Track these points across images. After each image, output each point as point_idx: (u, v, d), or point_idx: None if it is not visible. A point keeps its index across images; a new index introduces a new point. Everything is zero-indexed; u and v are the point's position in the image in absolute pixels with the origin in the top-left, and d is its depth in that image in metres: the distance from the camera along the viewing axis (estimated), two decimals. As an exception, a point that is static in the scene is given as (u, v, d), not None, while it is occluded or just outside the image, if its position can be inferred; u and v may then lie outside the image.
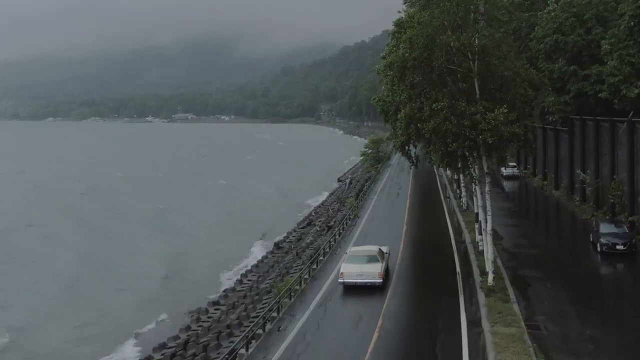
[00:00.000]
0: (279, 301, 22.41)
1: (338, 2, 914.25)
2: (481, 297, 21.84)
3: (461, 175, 37.37)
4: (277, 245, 41.43)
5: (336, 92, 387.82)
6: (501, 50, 22.40)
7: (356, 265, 24.29)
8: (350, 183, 71.17)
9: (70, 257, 44.57)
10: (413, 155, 28.90)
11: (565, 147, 46.38)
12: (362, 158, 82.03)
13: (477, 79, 22.36)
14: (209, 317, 28.16)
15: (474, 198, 28.96)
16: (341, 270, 24.43)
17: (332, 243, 31.98)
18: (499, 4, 22.25)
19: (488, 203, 23.27)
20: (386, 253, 26.55)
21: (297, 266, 33.50)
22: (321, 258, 28.96)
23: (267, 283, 31.78)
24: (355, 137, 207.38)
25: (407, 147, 26.63)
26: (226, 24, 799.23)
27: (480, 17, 22.35)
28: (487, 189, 23.21)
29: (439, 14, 22.16)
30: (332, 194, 67.67)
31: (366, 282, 23.89)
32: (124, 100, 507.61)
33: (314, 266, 27.58)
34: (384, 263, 25.26)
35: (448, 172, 49.03)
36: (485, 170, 22.97)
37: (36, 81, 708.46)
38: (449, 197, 45.37)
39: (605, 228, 29.17)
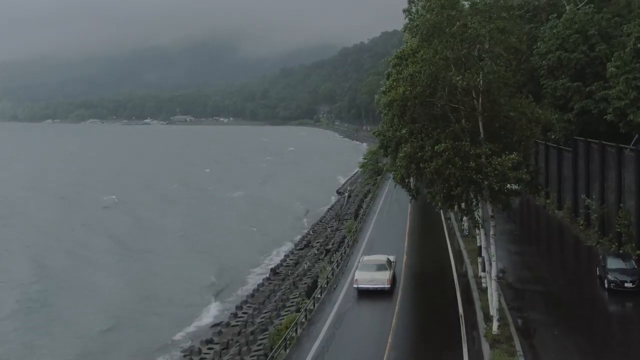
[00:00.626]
0: (273, 357, 21.21)
1: (337, 4, 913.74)
2: (485, 348, 20.81)
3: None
4: (274, 271, 40.40)
5: (335, 94, 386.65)
6: (507, 88, 21.37)
7: (368, 272, 28.43)
8: (349, 197, 70.11)
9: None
10: (412, 187, 27.80)
11: (568, 166, 45.34)
12: (361, 169, 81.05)
13: (482, 118, 21.32)
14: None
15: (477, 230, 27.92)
16: (355, 277, 28.54)
17: (330, 277, 30.90)
18: (505, 42, 21.20)
19: (493, 248, 22.22)
20: (393, 262, 30.39)
21: (294, 298, 32.45)
22: (318, 296, 27.86)
23: (263, 317, 30.73)
24: (355, 142, 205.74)
25: (406, 181, 25.60)
26: (225, 25, 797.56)
27: (484, 55, 21.29)
28: (492, 232, 22.16)
29: (442, 50, 21.16)
30: (330, 208, 66.55)
31: (376, 287, 28.03)
32: (123, 102, 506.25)
33: (311, 306, 26.47)
34: (392, 271, 29.22)
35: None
36: (490, 214, 21.92)
37: (35, 82, 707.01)
38: (449, 218, 44.35)
39: (612, 263, 28.10)
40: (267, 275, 40.45)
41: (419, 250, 37.30)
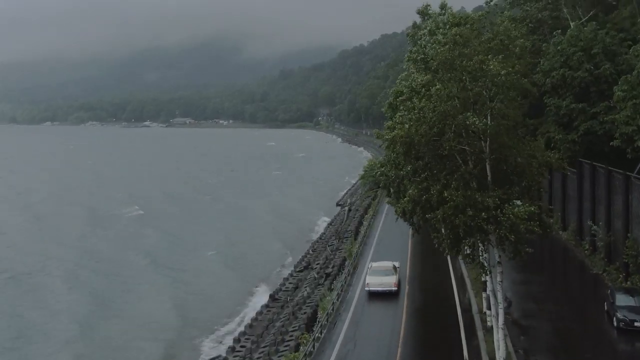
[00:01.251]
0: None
1: (336, 6, 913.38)
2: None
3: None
4: (273, 297, 39.54)
5: (335, 97, 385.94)
6: (516, 132, 20.55)
7: (377, 277, 32.94)
8: (350, 210, 69.27)
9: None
10: (415, 222, 26.66)
11: (573, 187, 44.49)
12: (361, 181, 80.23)
13: (489, 161, 20.47)
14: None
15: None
16: (367, 281, 32.90)
17: (331, 311, 30.02)
18: (517, 84, 20.35)
19: (500, 295, 21.38)
20: (398, 267, 34.79)
21: (293, 330, 31.61)
22: (318, 335, 26.99)
23: (262, 352, 29.87)
24: (353, 146, 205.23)
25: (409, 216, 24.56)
26: (224, 27, 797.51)
27: (496, 96, 20.43)
28: (499, 279, 21.31)
29: (453, 87, 20.31)
30: (330, 223, 65.67)
31: (385, 290, 32.45)
32: (122, 104, 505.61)
33: (311, 348, 25.58)
34: (397, 275, 33.60)
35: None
36: (498, 259, 21.08)
37: (34, 83, 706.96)
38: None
39: (621, 300, 27.22)
40: (266, 301, 39.57)
41: (421, 277, 36.43)
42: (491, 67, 19.55)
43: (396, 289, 32.47)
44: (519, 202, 19.62)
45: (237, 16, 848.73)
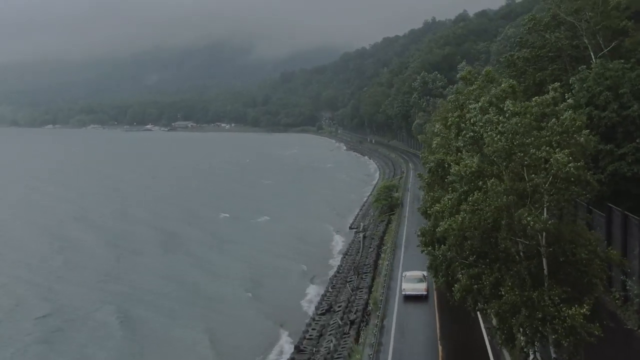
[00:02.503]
0: None
1: (338, 7, 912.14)
2: None
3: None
4: (298, 349, 38.69)
5: (337, 101, 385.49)
6: (575, 227, 19.78)
7: (411, 284, 41.50)
8: (365, 237, 68.53)
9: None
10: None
11: (601, 230, 43.60)
12: (374, 203, 79.57)
13: (546, 256, 19.70)
14: None
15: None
16: (403, 287, 41.54)
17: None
18: (582, 178, 19.56)
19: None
20: (426, 276, 39.11)
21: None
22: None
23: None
24: (359, 155, 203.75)
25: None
26: (225, 28, 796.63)
27: (554, 187, 19.66)
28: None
29: (507, 179, 19.54)
30: (346, 253, 64.69)
31: (417, 294, 40.71)
32: (123, 107, 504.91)
33: None
34: (426, 282, 40.90)
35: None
36: (554, 356, 20.29)
37: (35, 85, 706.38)
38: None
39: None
40: (291, 354, 38.70)
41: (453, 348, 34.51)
42: (558, 159, 18.80)
43: (426, 293, 40.70)
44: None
45: (237, 17, 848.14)
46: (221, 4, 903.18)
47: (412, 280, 41.59)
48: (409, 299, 40.43)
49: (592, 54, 58.94)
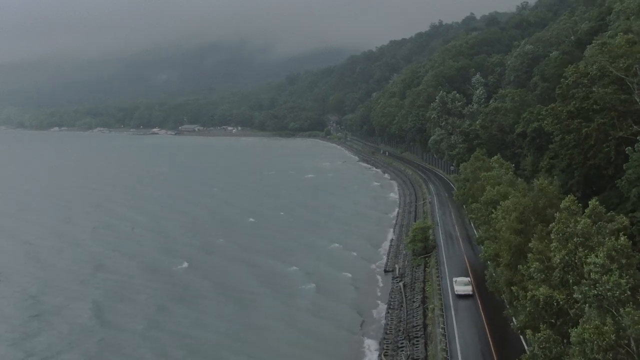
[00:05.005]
0: None
1: (345, 8, 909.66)
2: None
3: None
4: None
5: (344, 105, 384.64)
6: None
7: (461, 286, 57.93)
8: (405, 286, 67.97)
9: None
10: None
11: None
12: (409, 244, 78.82)
13: None
14: None
15: None
16: (455, 289, 57.94)
17: None
18: None
19: None
20: (471, 280, 59.46)
21: None
22: None
23: None
24: (373, 168, 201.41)
25: None
26: (227, 29, 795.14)
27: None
28: None
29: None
30: (389, 306, 63.41)
31: (465, 293, 56.98)
32: (129, 110, 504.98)
33: None
34: (472, 285, 58.27)
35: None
36: None
37: (40, 84, 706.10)
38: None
39: None
40: None
41: None
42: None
43: (472, 293, 57.11)
44: None
45: (238, 20, 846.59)
46: (222, 4, 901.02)
47: (462, 284, 58.29)
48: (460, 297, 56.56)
49: (642, 109, 58.31)
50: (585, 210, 27.64)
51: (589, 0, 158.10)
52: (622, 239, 22.87)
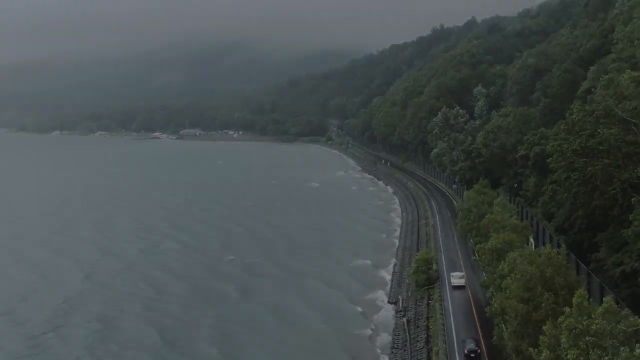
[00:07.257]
0: None
1: (345, 11, 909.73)
2: None
3: None
4: None
5: (346, 109, 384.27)
6: None
7: (456, 279, 70.37)
8: (409, 322, 67.79)
9: None
10: None
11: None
12: (412, 275, 78.61)
13: None
14: None
15: None
16: (452, 281, 70.53)
17: None
18: None
19: None
20: (464, 275, 71.58)
21: None
22: None
23: None
24: (375, 179, 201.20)
25: None
26: (228, 32, 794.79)
27: None
28: None
29: None
30: (393, 346, 63.21)
31: (460, 284, 69.55)
32: (131, 114, 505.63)
33: None
34: (465, 279, 70.21)
35: None
36: None
37: (40, 86, 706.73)
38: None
39: None
40: None
41: None
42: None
43: (465, 285, 68.98)
44: None
45: (240, 20, 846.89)
46: (227, 9, 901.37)
47: (457, 277, 70.42)
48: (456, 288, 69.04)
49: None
50: (599, 309, 27.44)
51: (590, 13, 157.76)
52: (637, 351, 22.76)
